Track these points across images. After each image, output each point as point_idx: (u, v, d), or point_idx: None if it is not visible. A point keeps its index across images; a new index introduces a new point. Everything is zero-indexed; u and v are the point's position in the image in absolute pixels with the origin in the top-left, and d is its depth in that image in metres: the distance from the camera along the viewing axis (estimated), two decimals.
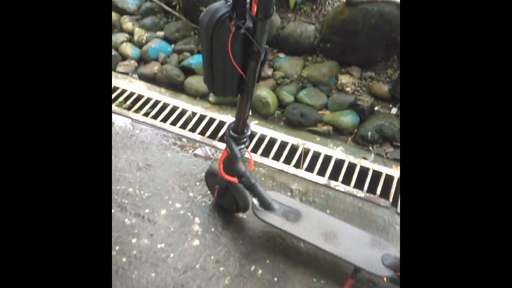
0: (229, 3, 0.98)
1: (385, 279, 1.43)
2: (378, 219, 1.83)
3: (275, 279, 1.60)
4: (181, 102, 2.50)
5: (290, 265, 1.64)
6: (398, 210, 1.87)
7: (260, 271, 1.62)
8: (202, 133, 2.29)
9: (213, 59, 1.08)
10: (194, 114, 2.43)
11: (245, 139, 1.38)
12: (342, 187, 1.98)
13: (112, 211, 1.84)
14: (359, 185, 2.01)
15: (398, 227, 1.80)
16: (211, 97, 2.52)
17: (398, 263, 1.41)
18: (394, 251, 1.49)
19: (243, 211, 1.73)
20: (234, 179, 1.56)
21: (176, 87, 2.63)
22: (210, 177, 1.77)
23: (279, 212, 1.64)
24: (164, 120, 2.38)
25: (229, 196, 1.71)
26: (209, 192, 1.92)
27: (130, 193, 1.93)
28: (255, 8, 0.95)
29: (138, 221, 1.80)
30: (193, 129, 2.32)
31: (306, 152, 2.18)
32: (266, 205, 1.64)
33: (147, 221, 1.81)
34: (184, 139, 2.25)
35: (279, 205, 1.66)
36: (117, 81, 2.71)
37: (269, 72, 2.67)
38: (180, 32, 2.98)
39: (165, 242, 1.72)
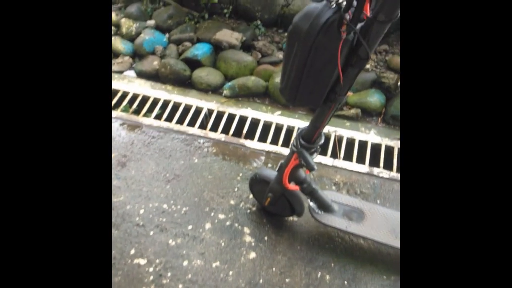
0: (333, 5, 0.81)
1: None
2: None
3: (345, 283, 1.53)
4: (193, 99, 2.30)
5: (356, 265, 1.58)
6: None
7: (328, 277, 1.55)
8: (225, 131, 2.13)
9: (305, 69, 0.92)
10: (210, 111, 2.24)
11: (315, 149, 1.25)
12: (385, 173, 1.91)
13: (151, 233, 1.68)
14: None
15: None
16: (226, 90, 2.33)
17: None
18: None
19: (299, 216, 1.63)
20: (296, 187, 1.44)
21: (184, 83, 2.41)
22: (258, 185, 1.63)
23: (339, 213, 1.55)
24: (180, 121, 2.18)
25: (282, 203, 1.59)
26: (251, 197, 1.79)
27: (166, 210, 1.77)
28: (368, 7, 0.80)
29: (183, 241, 1.66)
30: (214, 128, 2.14)
31: (339, 139, 2.08)
32: (326, 207, 1.54)
33: (193, 239, 1.67)
34: (207, 141, 2.07)
35: (338, 205, 1.57)
36: (115, 82, 2.45)
37: (280, 55, 2.49)
38: (173, 19, 2.71)
39: (219, 260, 1.60)
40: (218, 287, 1.52)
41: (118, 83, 2.43)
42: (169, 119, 2.19)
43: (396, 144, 2.04)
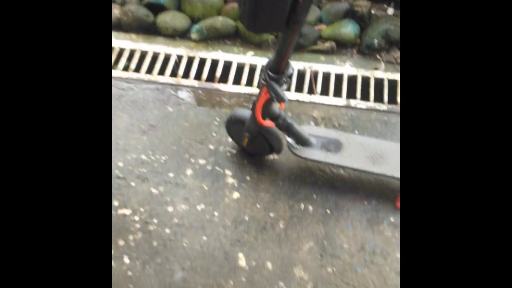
0: None
1: None
2: None
3: (328, 211, 1.58)
4: (160, 47, 2.18)
5: (338, 194, 1.62)
6: None
7: (311, 208, 1.59)
8: (198, 77, 2.05)
9: None
10: (180, 57, 2.14)
11: (286, 79, 1.21)
12: (363, 104, 1.91)
13: (133, 184, 1.67)
14: (378, 98, 1.94)
15: None
16: (193, 34, 2.21)
17: None
18: None
19: (278, 153, 1.63)
20: (272, 123, 1.42)
21: (148, 30, 2.28)
22: (234, 125, 1.61)
23: (318, 145, 1.56)
24: (149, 71, 2.08)
25: (260, 141, 1.58)
26: (230, 140, 1.78)
27: (145, 161, 1.74)
28: None
29: (166, 188, 1.66)
30: (186, 75, 2.07)
31: (315, 75, 2.04)
32: (303, 141, 1.54)
33: (176, 186, 1.67)
34: (181, 88, 2.01)
35: (316, 138, 1.57)
36: None
37: None
38: None
39: (204, 203, 1.62)
40: (205, 228, 1.55)
41: None
42: (138, 69, 2.09)
43: (372, 74, 2.02)
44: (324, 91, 1.98)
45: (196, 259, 1.48)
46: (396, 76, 2.00)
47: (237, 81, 2.04)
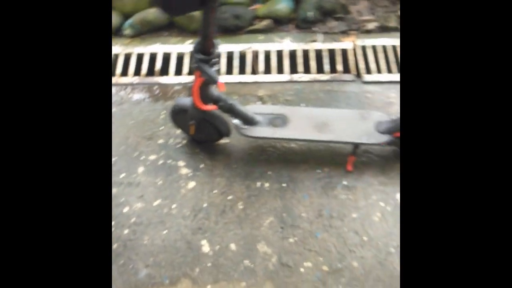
0: None
1: (383, 144, 1.50)
2: (350, 95, 1.86)
3: (283, 185, 1.60)
4: None
5: (290, 167, 1.65)
6: (364, 79, 1.91)
7: (266, 184, 1.61)
8: (137, 73, 2.00)
9: None
10: (116, 55, 2.07)
11: (216, 59, 1.20)
12: (306, 77, 1.94)
13: None
14: (320, 69, 1.98)
15: (369, 95, 1.86)
16: (126, 30, 2.14)
17: (392, 125, 1.48)
18: (384, 117, 1.54)
19: (227, 136, 1.63)
20: (213, 106, 1.42)
21: None
22: (179, 115, 1.59)
23: (264, 123, 1.57)
24: None
25: (206, 127, 1.58)
26: (179, 131, 1.75)
27: None
28: None
29: (119, 189, 1.62)
30: (124, 73, 2.00)
31: (256, 55, 2.04)
32: (249, 121, 1.55)
33: (129, 186, 1.63)
34: (120, 87, 1.94)
35: (262, 116, 1.58)
36: None
37: None
38: None
39: (160, 197, 1.59)
40: (164, 222, 1.53)
41: None
42: None
43: (311, 46, 2.05)
44: (267, 70, 1.99)
45: (159, 253, 1.46)
46: (334, 45, 2.05)
47: (179, 71, 2.01)
